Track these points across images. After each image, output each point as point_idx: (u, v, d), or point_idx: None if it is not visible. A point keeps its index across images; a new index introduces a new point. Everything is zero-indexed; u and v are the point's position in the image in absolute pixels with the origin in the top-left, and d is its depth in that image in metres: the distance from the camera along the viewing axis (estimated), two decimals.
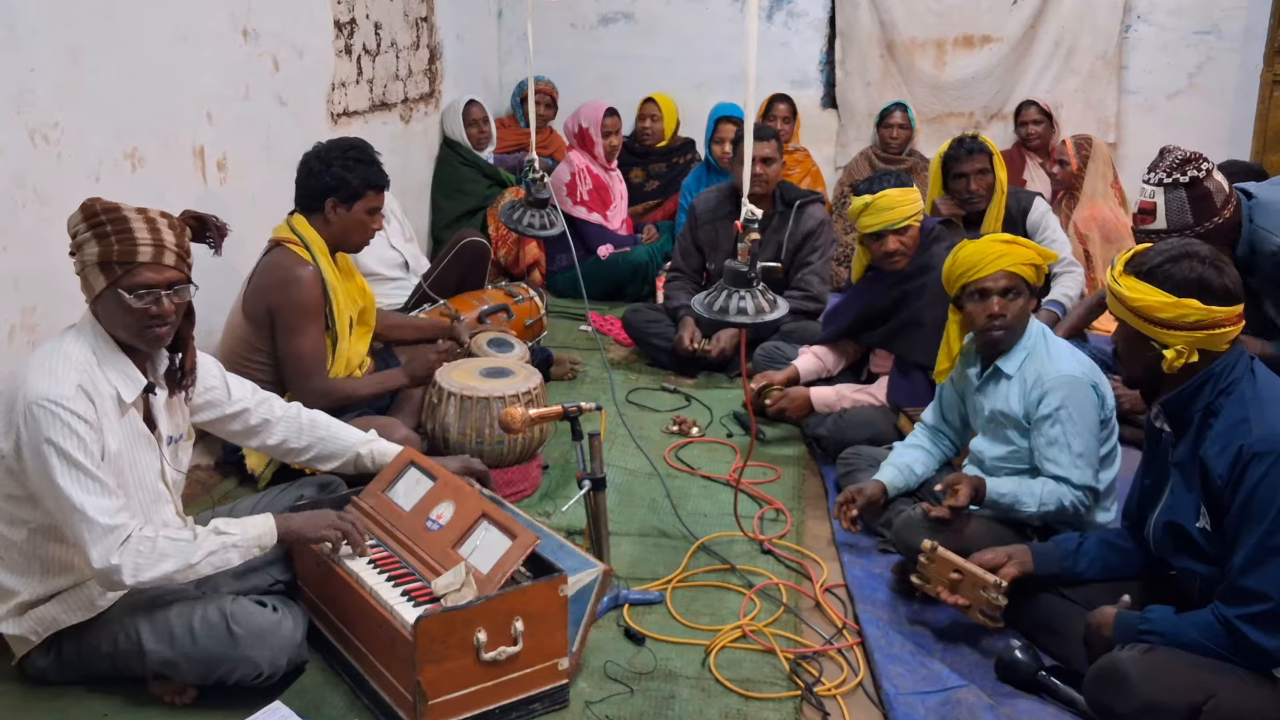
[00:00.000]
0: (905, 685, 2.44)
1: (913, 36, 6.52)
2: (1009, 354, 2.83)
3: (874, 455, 3.28)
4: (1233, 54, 6.23)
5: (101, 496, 2.11)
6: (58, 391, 2.11)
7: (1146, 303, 2.17)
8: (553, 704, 2.31)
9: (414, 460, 2.61)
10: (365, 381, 3.34)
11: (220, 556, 2.22)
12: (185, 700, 2.30)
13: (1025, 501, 2.71)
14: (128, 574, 2.12)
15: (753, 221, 2.55)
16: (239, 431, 2.62)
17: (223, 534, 2.23)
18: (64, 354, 2.18)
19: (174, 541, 2.17)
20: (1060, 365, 2.74)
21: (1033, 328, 2.85)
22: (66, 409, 2.10)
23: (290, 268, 3.17)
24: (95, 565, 2.11)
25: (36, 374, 2.14)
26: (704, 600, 2.80)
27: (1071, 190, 5.13)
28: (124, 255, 2.17)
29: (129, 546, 2.12)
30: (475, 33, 6.37)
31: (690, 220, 4.63)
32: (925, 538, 2.63)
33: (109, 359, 2.23)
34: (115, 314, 2.21)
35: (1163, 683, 2.08)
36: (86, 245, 2.17)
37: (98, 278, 2.18)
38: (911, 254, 3.52)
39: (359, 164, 3.23)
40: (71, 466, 2.10)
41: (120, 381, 2.24)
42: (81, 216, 2.19)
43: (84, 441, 2.11)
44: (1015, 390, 2.80)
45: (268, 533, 2.30)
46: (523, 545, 2.25)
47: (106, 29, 3.00)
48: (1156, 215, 3.04)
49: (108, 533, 2.10)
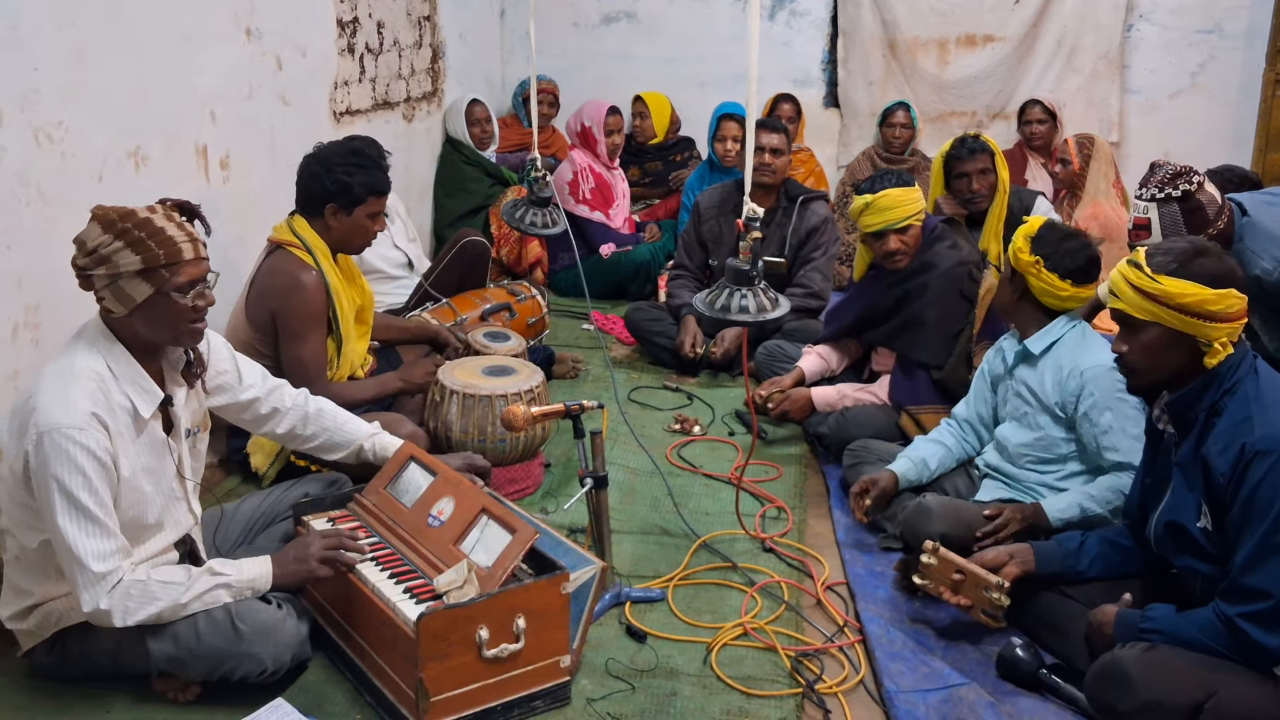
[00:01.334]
0: (906, 683, 2.44)
1: (915, 36, 6.52)
2: (1039, 335, 2.86)
3: (882, 449, 3.28)
4: (1235, 53, 6.23)
5: (98, 539, 2.11)
6: (69, 421, 2.07)
7: (1200, 298, 2.14)
8: (554, 701, 2.31)
9: (414, 456, 2.62)
10: (364, 385, 3.33)
11: (211, 595, 2.22)
12: (189, 697, 2.31)
13: (1091, 509, 2.71)
14: (117, 617, 2.14)
15: (755, 220, 2.55)
16: (249, 420, 2.63)
17: (217, 574, 2.24)
18: (77, 373, 2.14)
19: (165, 585, 2.18)
20: (1099, 356, 2.76)
21: (1072, 316, 2.87)
22: (76, 443, 2.07)
23: (293, 273, 3.15)
24: (84, 608, 2.13)
25: (49, 397, 2.10)
26: (705, 598, 2.81)
27: (1073, 189, 5.13)
28: (170, 257, 2.14)
29: (119, 590, 2.13)
30: (478, 32, 6.38)
31: (694, 216, 4.64)
32: (934, 528, 2.64)
33: (125, 373, 2.21)
34: (163, 318, 2.18)
35: (1164, 681, 2.08)
36: (118, 256, 2.11)
37: (139, 286, 2.13)
38: (913, 253, 3.52)
39: (360, 169, 3.19)
40: (72, 506, 2.09)
41: (137, 396, 2.22)
42: (101, 229, 2.13)
43: (89, 480, 2.09)
44: (1049, 376, 2.82)
45: (262, 577, 2.28)
46: (522, 540, 2.25)
47: (110, 28, 3.01)
48: (1151, 230, 3.05)
49: (99, 579, 2.11)
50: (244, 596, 2.26)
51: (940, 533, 2.69)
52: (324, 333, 3.22)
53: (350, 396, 3.22)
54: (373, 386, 3.34)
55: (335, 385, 3.23)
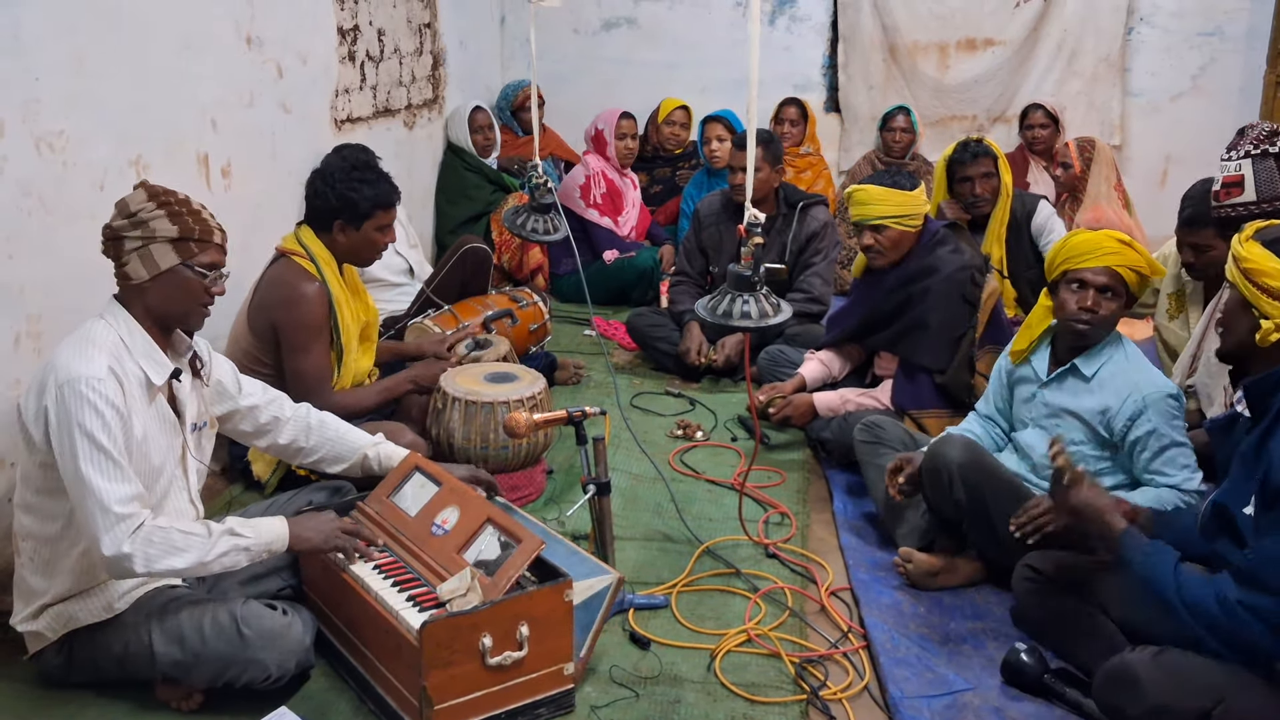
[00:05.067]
0: (911, 689, 2.44)
1: (915, 40, 6.53)
2: (1090, 355, 2.81)
3: (894, 427, 3.29)
4: (1236, 55, 6.24)
5: (120, 483, 2.13)
6: (88, 372, 2.15)
7: (1258, 268, 2.16)
8: (558, 709, 2.31)
9: (419, 465, 2.62)
10: (369, 391, 3.32)
11: (231, 558, 2.24)
12: (191, 706, 2.31)
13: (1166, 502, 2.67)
14: (139, 563, 2.14)
15: (755, 226, 2.55)
16: (249, 431, 2.64)
17: (236, 535, 2.25)
18: (94, 338, 2.23)
19: (187, 535, 2.19)
20: (1155, 378, 2.74)
21: (1115, 335, 2.83)
22: (96, 390, 2.14)
23: (295, 284, 3.15)
24: (106, 552, 2.12)
25: (68, 356, 2.18)
26: (709, 604, 2.80)
27: (1075, 193, 5.13)
28: (203, 234, 2.30)
29: (140, 535, 2.14)
30: (478, 39, 6.39)
31: (694, 224, 4.64)
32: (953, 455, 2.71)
33: (138, 345, 2.28)
34: (176, 291, 2.29)
35: (1173, 686, 2.07)
36: (155, 222, 2.24)
37: (167, 254, 2.26)
38: (891, 255, 3.52)
39: (364, 183, 3.18)
40: (95, 449, 2.12)
41: (149, 366, 2.29)
42: (146, 196, 2.27)
43: (109, 425, 2.14)
44: (1097, 396, 2.77)
45: (279, 539, 2.31)
46: (527, 550, 2.25)
47: (111, 37, 3.01)
48: (1245, 187, 3.03)
49: (120, 520, 2.12)
50: (261, 559, 2.30)
51: (960, 461, 2.73)
52: (326, 344, 3.21)
53: (355, 403, 3.22)
54: (377, 392, 3.32)
55: (339, 394, 3.22)
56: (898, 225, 3.45)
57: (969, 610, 2.78)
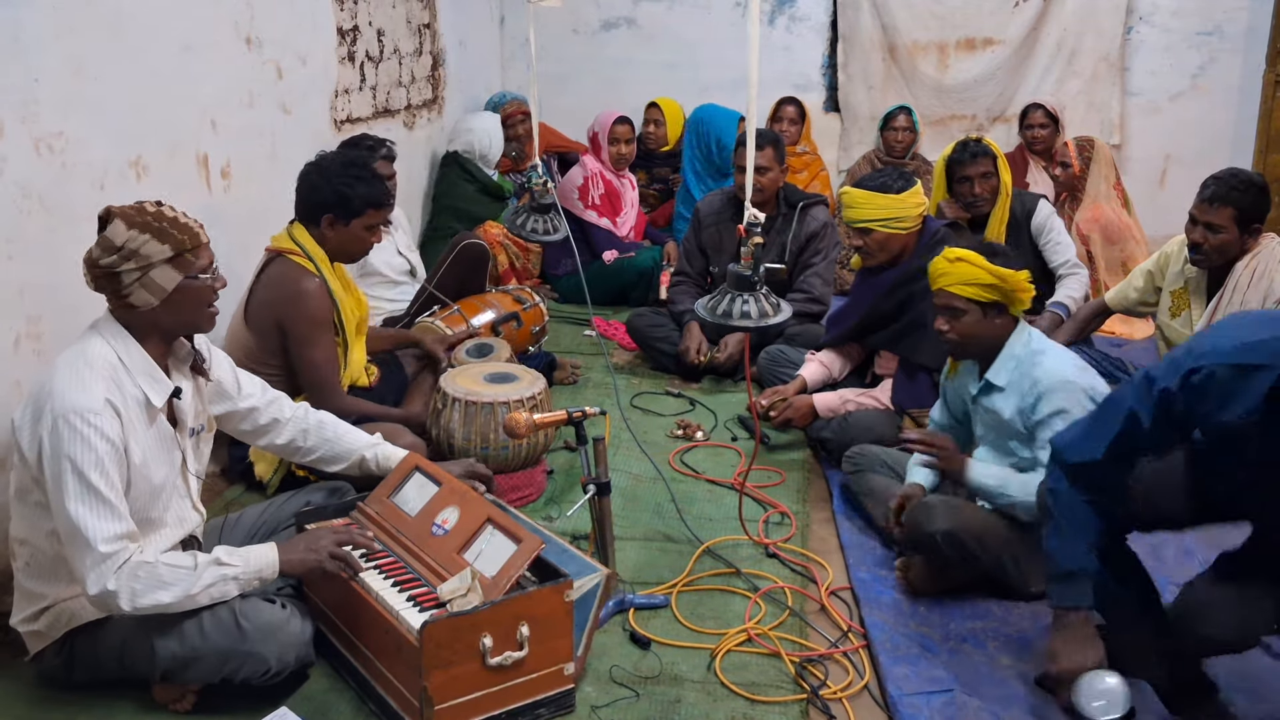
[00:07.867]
0: (910, 687, 2.44)
1: (915, 39, 6.53)
2: (997, 364, 2.80)
3: (881, 454, 3.27)
4: (1235, 55, 6.24)
5: (108, 521, 2.11)
6: (84, 404, 2.11)
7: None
8: (559, 709, 2.31)
9: (419, 465, 2.62)
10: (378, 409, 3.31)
11: (219, 588, 2.21)
12: (185, 707, 2.31)
13: (1011, 491, 2.69)
14: (124, 600, 2.12)
15: (755, 226, 2.55)
16: (248, 431, 2.64)
17: (224, 565, 2.22)
18: (91, 361, 2.19)
19: (174, 569, 2.17)
20: (1053, 367, 2.71)
21: (1019, 336, 2.80)
22: (91, 425, 2.10)
23: (296, 281, 3.16)
24: (91, 590, 2.11)
25: (64, 384, 2.14)
26: (709, 604, 2.81)
27: (1074, 192, 5.13)
28: (193, 240, 2.26)
29: (125, 570, 2.12)
30: (478, 39, 6.39)
31: (694, 223, 4.64)
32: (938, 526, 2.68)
33: (137, 364, 2.25)
34: (186, 304, 2.26)
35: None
36: (147, 247, 2.19)
37: (170, 274, 2.22)
38: (880, 257, 3.55)
39: (360, 181, 3.18)
40: (84, 487, 2.10)
41: (149, 386, 2.26)
42: (126, 225, 2.19)
43: (102, 462, 2.11)
44: (1012, 400, 2.77)
45: (269, 566, 2.28)
46: (528, 550, 2.25)
47: (110, 38, 3.01)
48: None
49: (104, 559, 2.10)
50: (252, 587, 2.27)
51: (943, 530, 2.68)
52: (333, 336, 3.23)
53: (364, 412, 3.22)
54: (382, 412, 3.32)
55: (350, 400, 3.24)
56: (883, 229, 3.47)
57: (969, 610, 2.78)
